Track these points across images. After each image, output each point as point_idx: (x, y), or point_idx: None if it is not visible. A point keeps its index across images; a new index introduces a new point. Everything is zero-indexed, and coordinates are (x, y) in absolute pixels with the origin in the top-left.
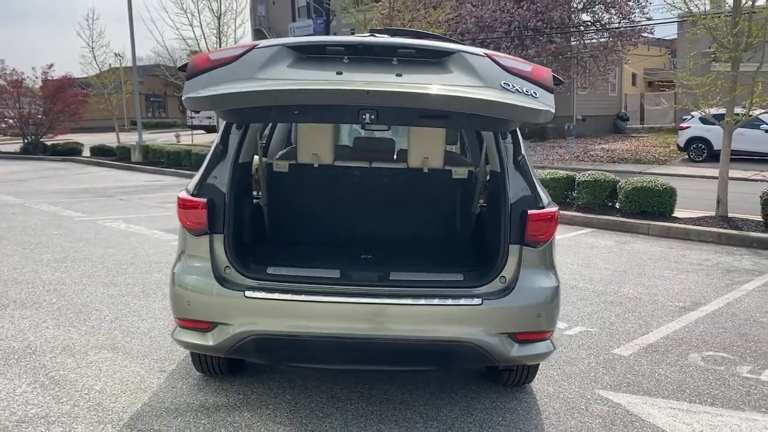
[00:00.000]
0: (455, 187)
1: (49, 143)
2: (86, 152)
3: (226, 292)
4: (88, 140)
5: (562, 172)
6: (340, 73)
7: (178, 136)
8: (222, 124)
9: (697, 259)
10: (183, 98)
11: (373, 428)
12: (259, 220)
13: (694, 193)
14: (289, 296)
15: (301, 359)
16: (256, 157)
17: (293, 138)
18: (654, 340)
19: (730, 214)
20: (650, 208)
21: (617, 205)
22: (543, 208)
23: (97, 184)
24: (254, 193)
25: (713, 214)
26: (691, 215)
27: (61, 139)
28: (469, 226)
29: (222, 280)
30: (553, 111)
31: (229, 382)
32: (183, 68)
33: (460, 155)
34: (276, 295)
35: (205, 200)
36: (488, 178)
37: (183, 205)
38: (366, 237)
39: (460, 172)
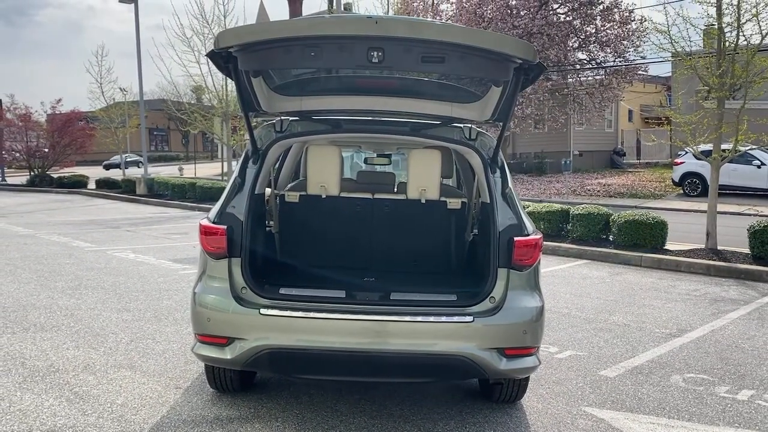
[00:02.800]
0: (450, 217)
1: (55, 176)
2: (92, 185)
3: (243, 310)
4: (93, 173)
5: (557, 206)
6: None
7: (181, 169)
8: (239, 161)
9: (686, 289)
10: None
11: None
12: (271, 246)
13: (687, 226)
14: (299, 314)
15: (310, 371)
16: (268, 189)
17: (302, 172)
18: (639, 363)
19: (720, 247)
20: (642, 240)
21: (611, 238)
22: (528, 235)
23: (103, 216)
24: (266, 221)
25: (703, 246)
26: (682, 247)
27: (67, 171)
28: (462, 252)
29: (239, 299)
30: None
31: (240, 397)
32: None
33: (454, 188)
34: (288, 313)
35: (224, 227)
36: (479, 208)
37: (205, 231)
38: (369, 261)
39: (454, 203)
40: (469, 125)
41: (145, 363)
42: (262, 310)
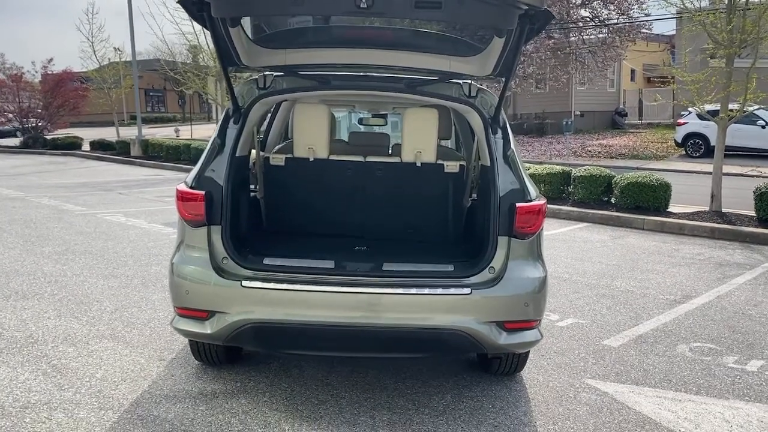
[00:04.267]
0: (447, 181)
1: (49, 137)
2: (86, 146)
3: (224, 281)
4: (88, 134)
5: (559, 168)
6: None
7: (177, 131)
8: (220, 119)
9: (690, 253)
10: None
11: (366, 414)
12: (256, 213)
13: (690, 188)
14: (284, 286)
15: (297, 347)
16: (253, 152)
17: (290, 132)
18: (643, 332)
19: (724, 209)
20: (645, 203)
21: (612, 200)
22: (531, 201)
23: (96, 178)
24: (252, 186)
25: (707, 209)
26: (686, 210)
27: (61, 133)
28: (460, 219)
29: (219, 270)
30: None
31: (227, 370)
32: None
33: (453, 150)
34: (272, 285)
35: (203, 192)
36: (479, 172)
37: (182, 197)
38: (360, 229)
39: (452, 166)
40: (469, 81)
41: (128, 333)
42: (244, 282)
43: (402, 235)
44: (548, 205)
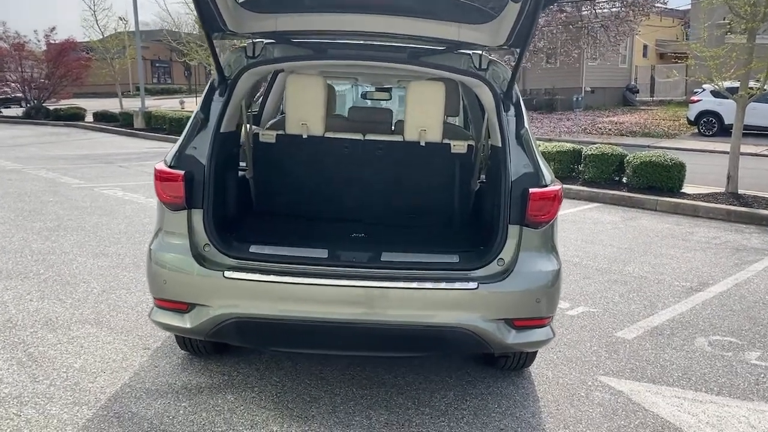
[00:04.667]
0: (454, 162)
1: (51, 108)
2: (89, 118)
3: (204, 271)
4: (92, 106)
5: (569, 145)
6: None
7: (182, 103)
8: (204, 92)
9: (705, 236)
10: None
11: (362, 414)
12: (244, 195)
13: (703, 167)
14: (271, 277)
15: (285, 344)
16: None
17: (282, 107)
18: (659, 323)
19: (740, 191)
20: (658, 183)
21: (624, 180)
22: (545, 186)
23: (97, 150)
24: (243, 165)
25: (723, 190)
26: (700, 191)
27: (65, 104)
28: (467, 204)
29: (200, 259)
30: None
31: (214, 362)
32: None
33: (461, 128)
34: (257, 276)
35: (182, 172)
36: (489, 153)
37: (159, 177)
38: (358, 214)
39: (458, 146)
40: (480, 52)
41: (113, 318)
42: (227, 273)
43: (404, 221)
44: None
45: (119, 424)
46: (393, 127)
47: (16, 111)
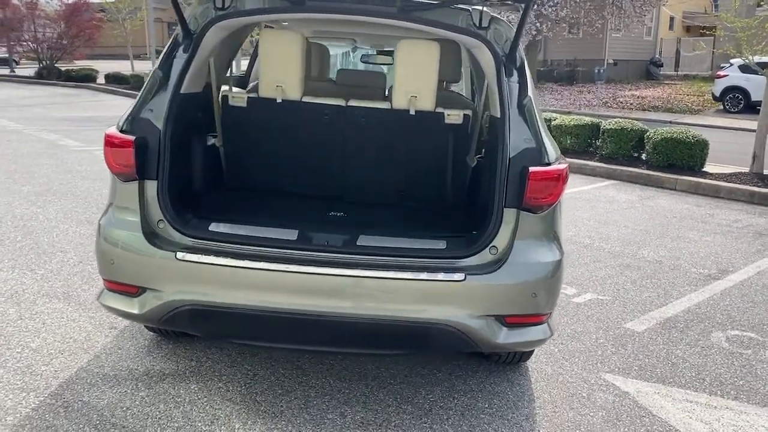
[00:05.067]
0: (447, 134)
1: (63, 69)
2: (101, 79)
3: (155, 251)
4: (105, 67)
5: (587, 119)
6: None
7: None
8: (165, 48)
9: (726, 219)
10: None
11: (336, 411)
12: (213, 166)
13: (728, 146)
14: (228, 261)
15: (244, 336)
16: (224, 88)
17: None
18: (673, 314)
19: (765, 171)
20: (679, 161)
21: (644, 157)
22: (549, 164)
23: (105, 113)
24: (211, 132)
25: (747, 170)
26: (723, 170)
27: (78, 65)
28: (462, 183)
29: (152, 237)
30: None
31: (183, 346)
32: None
33: (460, 96)
34: (211, 259)
35: (133, 138)
36: (488, 124)
37: (108, 143)
38: (338, 191)
39: (453, 116)
40: (481, 8)
41: (84, 292)
42: (179, 254)
43: (390, 200)
44: (574, 160)
45: (65, 415)
46: (387, 93)
47: (29, 71)
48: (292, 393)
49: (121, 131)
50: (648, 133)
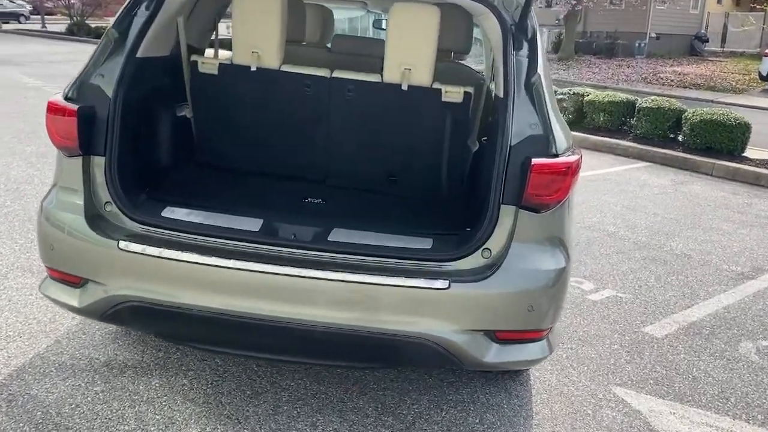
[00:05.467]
0: (445, 114)
1: (94, 26)
2: None
3: (97, 238)
4: None
5: (623, 95)
6: None
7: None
8: (124, 5)
9: (765, 210)
10: None
11: (306, 419)
12: (177, 140)
13: None
14: (174, 253)
15: (193, 340)
16: (211, 51)
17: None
18: (698, 317)
19: None
20: (718, 144)
21: (680, 138)
22: (556, 155)
23: None
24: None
25: None
26: (765, 156)
27: (109, 21)
28: (458, 171)
29: (97, 221)
30: None
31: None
32: None
33: (469, 69)
34: (156, 251)
35: (76, 107)
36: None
37: (51, 111)
38: (319, 174)
39: (452, 93)
40: None
41: None
42: (122, 243)
43: (378, 186)
44: (606, 138)
45: (6, 411)
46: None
47: (59, 26)
48: (262, 395)
49: (66, 99)
50: (686, 114)
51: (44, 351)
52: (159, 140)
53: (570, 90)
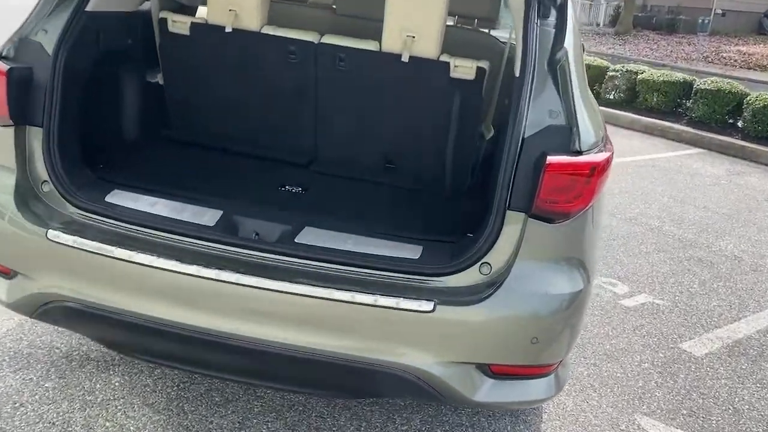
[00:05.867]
0: (453, 93)
1: None
2: None
3: (25, 224)
4: None
5: (679, 75)
6: None
7: None
8: None
9: None
10: None
11: None
12: (141, 110)
13: None
14: (106, 248)
15: (135, 350)
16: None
17: None
18: (745, 334)
19: None
20: None
21: (740, 124)
22: (580, 152)
23: None
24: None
25: None
26: None
27: None
28: (465, 161)
29: (29, 203)
30: None
31: None
32: None
33: (494, 39)
34: (86, 243)
35: (7, 68)
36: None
37: None
38: (303, 157)
39: (462, 69)
40: None
41: None
42: (51, 232)
43: (374, 174)
44: (657, 121)
45: None
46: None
47: None
48: (232, 404)
49: (1, 57)
50: (749, 98)
51: (3, 336)
52: (118, 110)
53: (623, 67)
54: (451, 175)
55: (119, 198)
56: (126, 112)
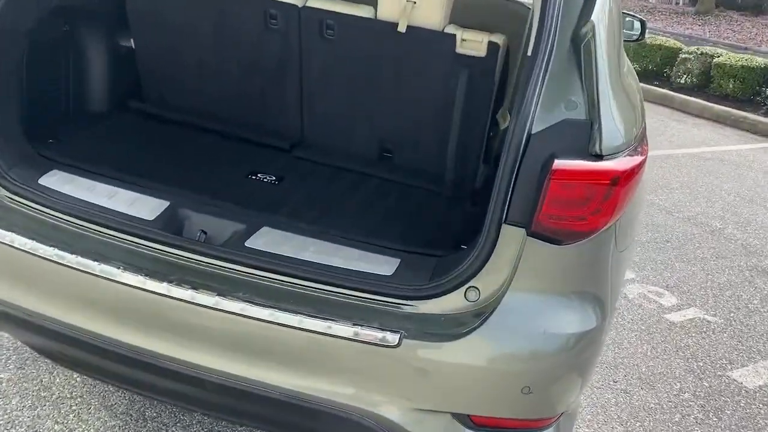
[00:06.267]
0: (458, 71)
1: None
2: None
3: None
4: None
5: (760, 60)
6: None
7: None
8: None
9: None
10: None
11: None
12: (100, 78)
13: None
14: (27, 243)
15: (64, 360)
16: None
17: None
18: None
19: None
20: None
21: None
22: (600, 156)
23: None
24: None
25: None
26: None
27: None
28: (469, 156)
29: None
30: None
31: None
32: None
33: (512, 5)
34: (9, 237)
35: None
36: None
37: None
38: (285, 139)
39: (471, 43)
40: None
41: None
42: None
43: (367, 162)
44: (731, 110)
45: None
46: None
47: None
48: (197, 414)
49: None
50: None
51: None
52: (77, 77)
53: (698, 49)
54: (453, 171)
55: (55, 180)
56: (88, 80)
